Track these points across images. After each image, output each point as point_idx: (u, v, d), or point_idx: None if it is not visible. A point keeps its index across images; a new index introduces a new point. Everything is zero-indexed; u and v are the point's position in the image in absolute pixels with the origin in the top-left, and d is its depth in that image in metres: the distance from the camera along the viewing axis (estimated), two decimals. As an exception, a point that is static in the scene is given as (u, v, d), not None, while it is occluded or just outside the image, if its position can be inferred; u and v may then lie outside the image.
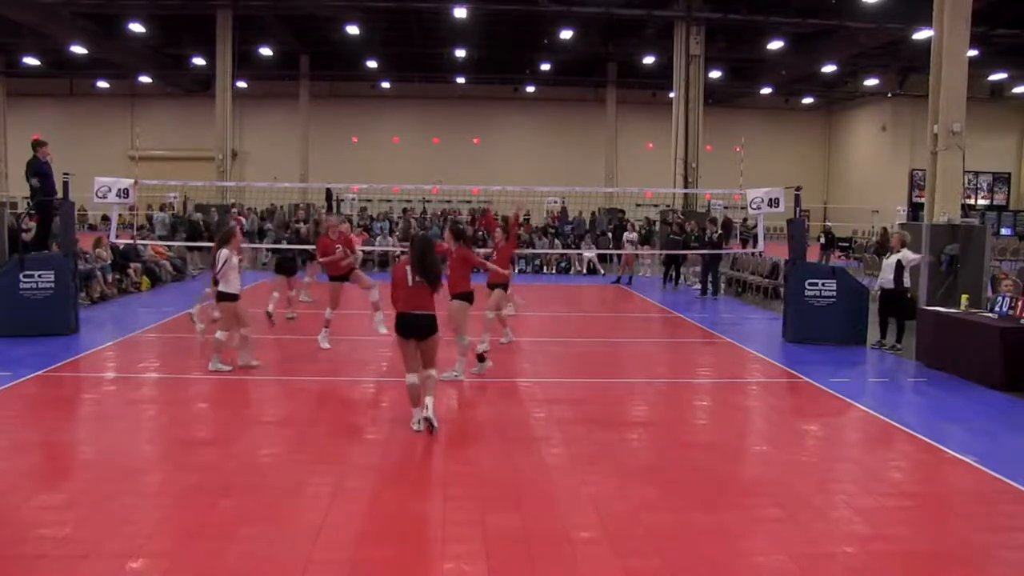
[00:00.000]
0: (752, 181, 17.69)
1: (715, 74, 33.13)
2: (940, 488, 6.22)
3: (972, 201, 36.39)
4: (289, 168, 36.87)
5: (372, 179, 33.52)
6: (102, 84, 38.42)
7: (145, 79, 36.90)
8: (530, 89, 39.78)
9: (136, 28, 27.90)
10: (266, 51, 32.65)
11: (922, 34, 22.48)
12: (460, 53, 32.62)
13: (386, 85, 38.82)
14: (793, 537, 5.08)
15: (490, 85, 38.79)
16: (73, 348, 10.54)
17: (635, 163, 38.61)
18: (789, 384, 9.57)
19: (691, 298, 17.79)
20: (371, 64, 35.11)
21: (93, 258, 15.63)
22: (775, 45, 28.82)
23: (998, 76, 34.29)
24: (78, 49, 30.28)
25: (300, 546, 4.78)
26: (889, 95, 36.60)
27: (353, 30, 28.60)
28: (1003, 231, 34.13)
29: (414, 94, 39.29)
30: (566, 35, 28.66)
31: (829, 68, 32.65)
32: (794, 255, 12.59)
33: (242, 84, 34.53)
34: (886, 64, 33.15)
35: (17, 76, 37.70)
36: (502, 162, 38.88)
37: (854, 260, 25.47)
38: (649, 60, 32.22)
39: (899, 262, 11.52)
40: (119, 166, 31.24)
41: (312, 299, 14.59)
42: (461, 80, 37.79)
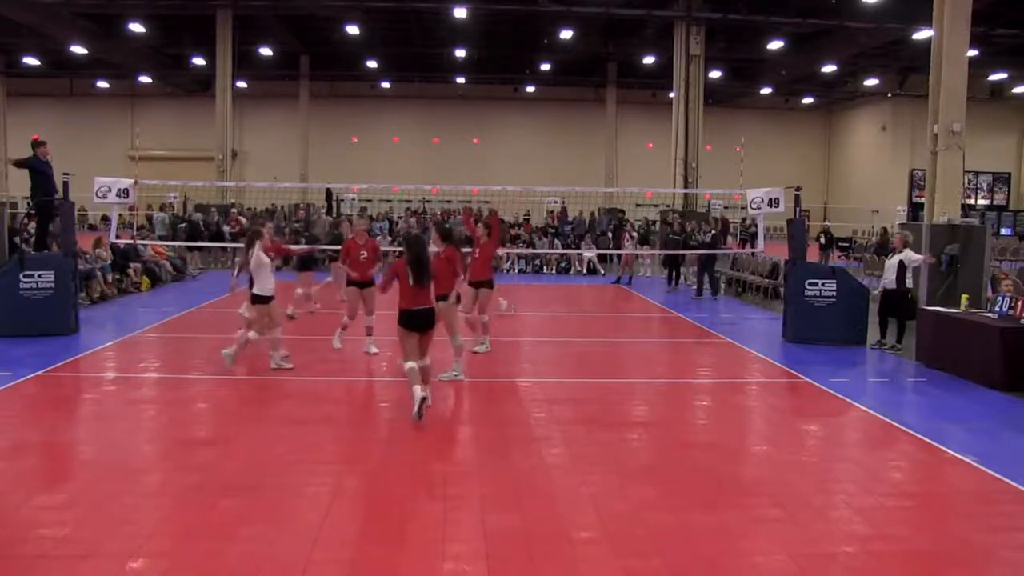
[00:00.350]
0: (752, 181, 17.69)
1: (715, 74, 33.05)
2: (940, 488, 6.22)
3: (972, 201, 36.40)
4: (289, 168, 36.85)
5: (372, 179, 33.50)
6: (102, 84, 38.35)
7: (145, 79, 36.82)
8: (530, 89, 39.71)
9: (136, 28, 27.85)
10: (266, 51, 32.58)
11: (922, 34, 22.45)
12: (460, 53, 32.57)
13: (386, 85, 38.76)
14: (793, 537, 5.08)
15: (490, 85, 38.72)
16: (73, 348, 10.55)
17: (635, 163, 38.56)
18: (789, 384, 9.57)
19: (691, 298, 17.79)
20: (371, 64, 35.06)
21: (93, 258, 15.62)
22: (775, 45, 28.78)
23: (998, 76, 34.23)
24: (78, 49, 30.23)
25: (300, 546, 4.78)
26: (889, 95, 36.54)
27: (353, 30, 28.56)
28: (1003, 231, 34.15)
29: (414, 94, 39.23)
30: (566, 35, 28.60)
31: (829, 68, 32.59)
32: (794, 255, 12.59)
33: (242, 84, 34.47)
34: (886, 64, 33.11)
35: (17, 76, 37.62)
36: (502, 162, 38.85)
37: (854, 260, 25.48)
38: (649, 60, 32.16)
39: (901, 262, 11.52)
40: (119, 166, 31.21)
41: (316, 309, 13.91)
42: (461, 80, 37.72)
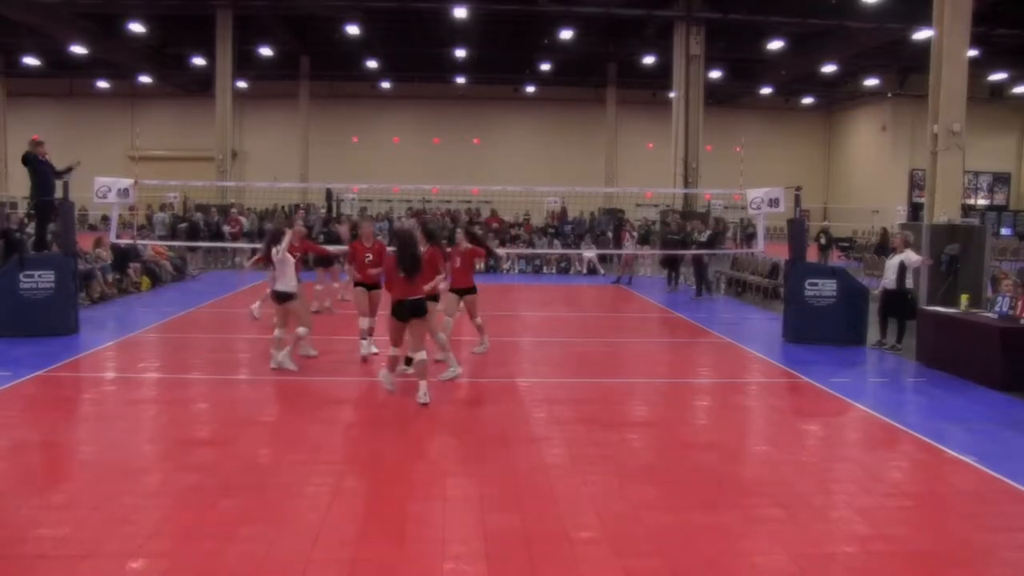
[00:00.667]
0: (752, 181, 17.63)
1: (715, 74, 33.02)
2: (940, 488, 6.22)
3: (972, 201, 36.43)
4: (289, 168, 36.85)
5: (372, 179, 33.50)
6: (102, 84, 38.35)
7: (145, 79, 36.81)
8: (530, 89, 39.68)
9: (136, 28, 27.85)
10: (266, 51, 32.53)
11: (922, 34, 22.42)
12: (460, 53, 32.53)
13: (386, 85, 38.74)
14: (793, 537, 5.08)
15: (490, 85, 38.68)
16: (73, 348, 10.55)
17: (635, 163, 38.58)
18: (789, 384, 9.57)
19: (690, 298, 17.79)
20: (371, 64, 35.01)
21: (93, 258, 15.62)
22: (775, 45, 28.76)
23: (998, 76, 34.22)
24: (78, 49, 30.21)
25: (300, 546, 4.78)
26: (889, 95, 36.54)
27: (353, 30, 28.54)
28: (1003, 231, 34.15)
29: (414, 94, 39.22)
30: (566, 35, 28.59)
31: (829, 68, 32.56)
32: (794, 255, 12.59)
33: (242, 84, 34.47)
34: (886, 64, 33.07)
35: (17, 76, 37.62)
36: (502, 162, 38.83)
37: (853, 260, 25.47)
38: (649, 60, 32.12)
39: (902, 263, 11.52)
40: (119, 166, 31.12)
41: (326, 307, 14.19)
42: (461, 80, 37.71)
